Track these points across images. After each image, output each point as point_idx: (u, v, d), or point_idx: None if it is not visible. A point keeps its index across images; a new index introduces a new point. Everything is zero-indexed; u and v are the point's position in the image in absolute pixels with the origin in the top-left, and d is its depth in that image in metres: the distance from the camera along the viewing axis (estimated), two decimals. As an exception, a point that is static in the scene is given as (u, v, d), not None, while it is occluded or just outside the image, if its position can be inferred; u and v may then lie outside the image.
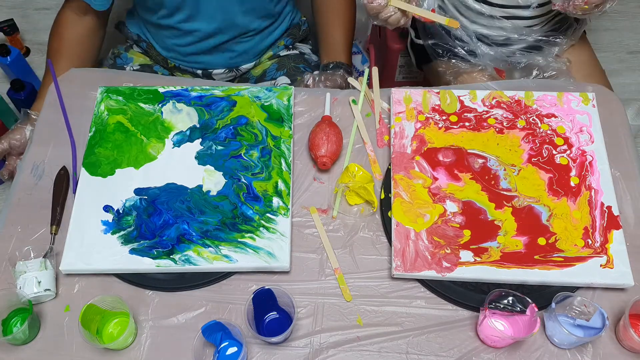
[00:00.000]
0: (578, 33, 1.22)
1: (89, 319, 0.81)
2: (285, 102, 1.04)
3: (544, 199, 0.93)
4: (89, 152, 0.99)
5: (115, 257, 0.89)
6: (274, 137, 1.00)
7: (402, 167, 0.96)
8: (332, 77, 1.16)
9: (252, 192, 0.95)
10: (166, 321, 0.87)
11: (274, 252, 0.89)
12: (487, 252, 0.88)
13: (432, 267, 0.87)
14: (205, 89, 1.06)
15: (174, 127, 1.02)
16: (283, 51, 1.33)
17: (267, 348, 0.85)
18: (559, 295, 0.82)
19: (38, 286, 0.85)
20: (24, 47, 2.00)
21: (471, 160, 0.97)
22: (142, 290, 0.89)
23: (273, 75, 1.28)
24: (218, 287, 0.89)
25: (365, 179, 0.93)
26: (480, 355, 0.84)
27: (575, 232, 0.90)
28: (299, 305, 0.88)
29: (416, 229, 0.90)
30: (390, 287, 0.89)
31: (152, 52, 1.31)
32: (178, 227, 0.91)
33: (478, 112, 1.02)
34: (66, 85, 1.10)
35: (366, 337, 0.85)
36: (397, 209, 0.92)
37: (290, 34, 1.33)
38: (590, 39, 1.91)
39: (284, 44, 1.32)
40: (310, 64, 1.32)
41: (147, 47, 1.31)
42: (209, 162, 0.98)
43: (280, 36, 1.32)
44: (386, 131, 1.04)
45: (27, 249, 0.90)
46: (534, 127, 1.01)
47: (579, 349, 0.84)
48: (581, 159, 0.97)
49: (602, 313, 0.81)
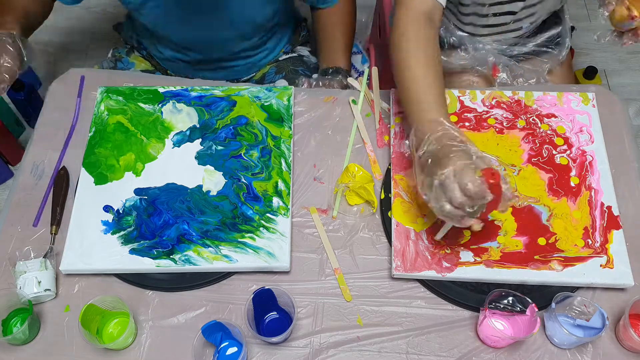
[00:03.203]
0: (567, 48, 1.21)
1: (89, 319, 0.81)
2: (285, 102, 1.04)
3: (544, 199, 0.93)
4: (89, 152, 0.99)
5: (115, 257, 0.89)
6: (274, 137, 1.00)
7: (402, 167, 0.96)
8: (329, 83, 1.15)
9: (252, 192, 0.95)
10: (166, 321, 0.87)
11: (274, 252, 0.89)
12: (487, 252, 0.88)
13: (432, 267, 0.87)
14: (205, 89, 1.06)
15: (174, 127, 1.02)
16: (282, 56, 1.33)
17: (267, 348, 0.85)
18: (559, 295, 0.82)
19: (38, 286, 0.85)
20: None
21: (471, 160, 0.97)
22: (142, 290, 0.89)
23: (272, 79, 1.29)
24: (218, 287, 0.89)
25: (365, 179, 0.93)
26: (480, 355, 0.84)
27: (575, 232, 0.90)
28: (299, 305, 0.88)
29: (416, 229, 0.90)
30: (390, 287, 0.89)
31: (152, 61, 1.31)
32: (178, 227, 0.91)
33: (478, 112, 1.02)
34: (66, 85, 1.10)
35: (366, 337, 0.85)
36: (397, 209, 0.92)
37: (290, 41, 1.33)
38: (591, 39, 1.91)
39: (284, 50, 1.33)
40: (309, 66, 1.32)
41: (147, 56, 1.31)
42: (209, 162, 0.98)
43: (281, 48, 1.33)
44: (386, 131, 1.04)
45: (27, 249, 0.90)
46: (534, 127, 1.01)
47: (579, 349, 0.84)
48: (581, 159, 0.97)
49: (602, 313, 0.81)
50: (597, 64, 1.84)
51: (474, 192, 0.73)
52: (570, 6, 2.09)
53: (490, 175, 0.73)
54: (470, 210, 0.75)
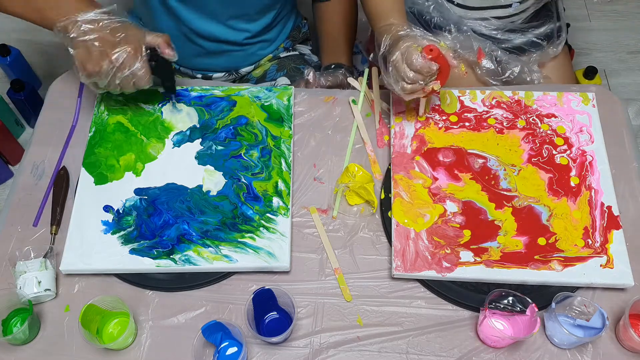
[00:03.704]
0: (560, 45, 1.20)
1: (89, 319, 0.81)
2: (285, 102, 1.04)
3: (544, 199, 0.93)
4: (89, 152, 0.99)
5: (115, 257, 0.89)
6: (274, 137, 1.00)
7: (402, 167, 0.96)
8: (333, 74, 1.17)
9: (252, 192, 0.95)
10: (166, 321, 0.87)
11: (274, 252, 0.89)
12: (487, 252, 0.88)
13: (432, 267, 0.87)
14: (205, 89, 1.06)
15: (174, 127, 1.02)
16: (283, 53, 1.33)
17: (267, 348, 0.85)
18: (559, 295, 0.82)
19: (38, 286, 0.85)
20: None
21: (471, 161, 0.97)
22: (142, 290, 0.89)
23: (273, 76, 1.28)
24: (218, 287, 0.89)
25: (365, 179, 0.93)
26: (480, 355, 0.84)
27: (575, 232, 0.90)
28: (299, 305, 0.88)
29: (416, 229, 0.90)
30: (390, 287, 0.89)
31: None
32: (178, 227, 0.91)
33: (478, 112, 1.02)
34: (66, 85, 1.10)
35: (366, 337, 0.85)
36: (397, 209, 0.92)
37: (291, 37, 1.33)
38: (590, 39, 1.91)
39: (284, 46, 1.32)
40: (310, 64, 1.32)
41: None
42: (209, 162, 0.98)
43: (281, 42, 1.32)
44: (386, 131, 1.04)
45: (27, 249, 0.90)
46: (534, 127, 1.00)
47: (579, 349, 0.84)
48: (581, 159, 0.97)
49: (602, 313, 0.81)
50: (597, 64, 1.84)
51: (420, 66, 0.86)
52: (570, 6, 2.09)
53: (429, 51, 0.86)
54: (425, 82, 0.88)
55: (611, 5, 2.16)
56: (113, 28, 0.89)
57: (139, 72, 0.89)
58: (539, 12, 1.18)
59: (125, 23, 0.91)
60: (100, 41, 0.87)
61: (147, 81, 0.91)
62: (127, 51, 0.87)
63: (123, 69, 0.88)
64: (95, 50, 0.87)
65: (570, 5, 2.13)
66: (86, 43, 0.87)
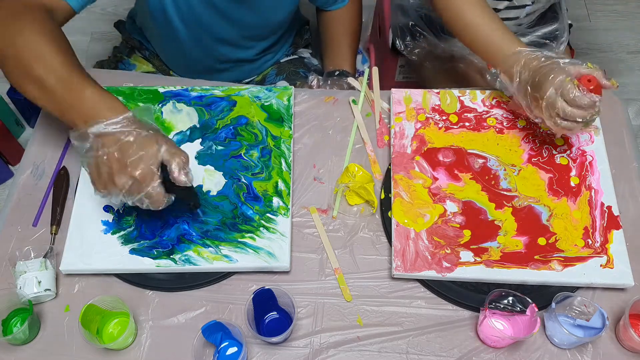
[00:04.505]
0: (562, 45, 1.21)
1: (89, 319, 0.81)
2: (285, 102, 1.05)
3: (544, 199, 0.93)
4: (89, 152, 0.99)
5: (115, 257, 0.89)
6: (274, 137, 1.00)
7: (402, 167, 0.96)
8: (338, 82, 1.16)
9: (252, 192, 0.95)
10: (166, 321, 0.87)
11: (274, 252, 0.89)
12: (487, 252, 0.88)
13: (432, 267, 0.87)
14: (205, 89, 1.06)
15: (174, 127, 1.02)
16: (283, 58, 1.33)
17: (267, 348, 0.85)
18: (559, 295, 0.82)
19: (38, 286, 0.85)
20: None
21: (471, 161, 0.97)
22: (142, 290, 0.89)
23: (272, 80, 1.29)
24: (218, 287, 0.89)
25: (365, 179, 0.93)
26: (480, 355, 0.84)
27: (575, 232, 0.90)
28: (299, 305, 0.88)
29: (416, 229, 0.90)
30: (390, 287, 0.89)
31: (155, 62, 1.30)
32: (178, 227, 0.91)
33: (478, 112, 1.02)
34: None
35: (366, 337, 0.85)
36: (397, 209, 0.92)
37: (294, 43, 1.33)
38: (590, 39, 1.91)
39: (285, 53, 1.33)
40: (309, 68, 1.32)
41: (149, 56, 1.30)
42: (209, 162, 0.98)
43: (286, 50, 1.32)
44: (386, 131, 1.04)
45: (27, 249, 0.90)
46: (534, 127, 1.01)
47: (579, 349, 0.84)
48: (581, 159, 0.97)
49: (602, 313, 0.81)
50: (597, 64, 1.84)
51: (586, 105, 0.83)
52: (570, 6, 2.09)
53: (587, 82, 0.81)
54: (589, 118, 0.84)
55: (611, 5, 2.16)
56: (125, 144, 0.77)
57: (150, 197, 0.79)
58: (546, 13, 1.18)
59: (140, 135, 0.78)
60: (109, 162, 0.77)
61: (162, 203, 0.80)
62: (135, 178, 0.77)
63: (132, 194, 0.78)
64: (104, 171, 0.78)
65: (570, 5, 2.13)
66: (97, 160, 0.78)
